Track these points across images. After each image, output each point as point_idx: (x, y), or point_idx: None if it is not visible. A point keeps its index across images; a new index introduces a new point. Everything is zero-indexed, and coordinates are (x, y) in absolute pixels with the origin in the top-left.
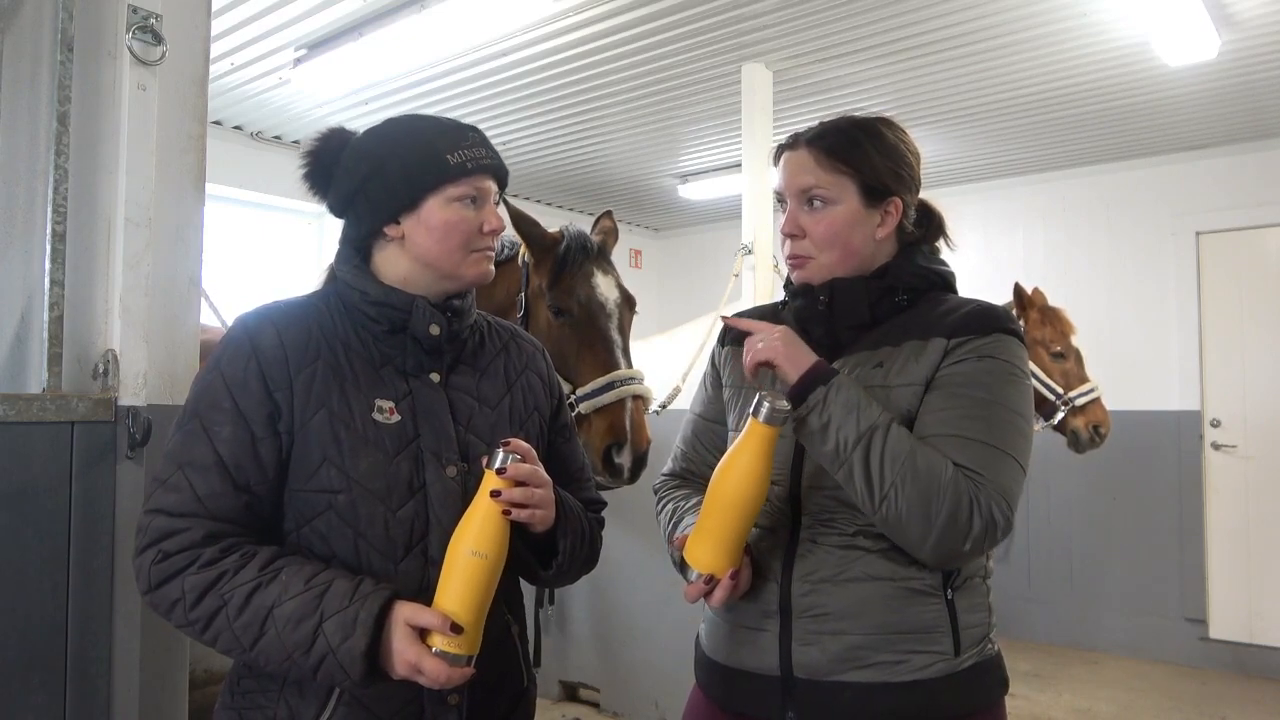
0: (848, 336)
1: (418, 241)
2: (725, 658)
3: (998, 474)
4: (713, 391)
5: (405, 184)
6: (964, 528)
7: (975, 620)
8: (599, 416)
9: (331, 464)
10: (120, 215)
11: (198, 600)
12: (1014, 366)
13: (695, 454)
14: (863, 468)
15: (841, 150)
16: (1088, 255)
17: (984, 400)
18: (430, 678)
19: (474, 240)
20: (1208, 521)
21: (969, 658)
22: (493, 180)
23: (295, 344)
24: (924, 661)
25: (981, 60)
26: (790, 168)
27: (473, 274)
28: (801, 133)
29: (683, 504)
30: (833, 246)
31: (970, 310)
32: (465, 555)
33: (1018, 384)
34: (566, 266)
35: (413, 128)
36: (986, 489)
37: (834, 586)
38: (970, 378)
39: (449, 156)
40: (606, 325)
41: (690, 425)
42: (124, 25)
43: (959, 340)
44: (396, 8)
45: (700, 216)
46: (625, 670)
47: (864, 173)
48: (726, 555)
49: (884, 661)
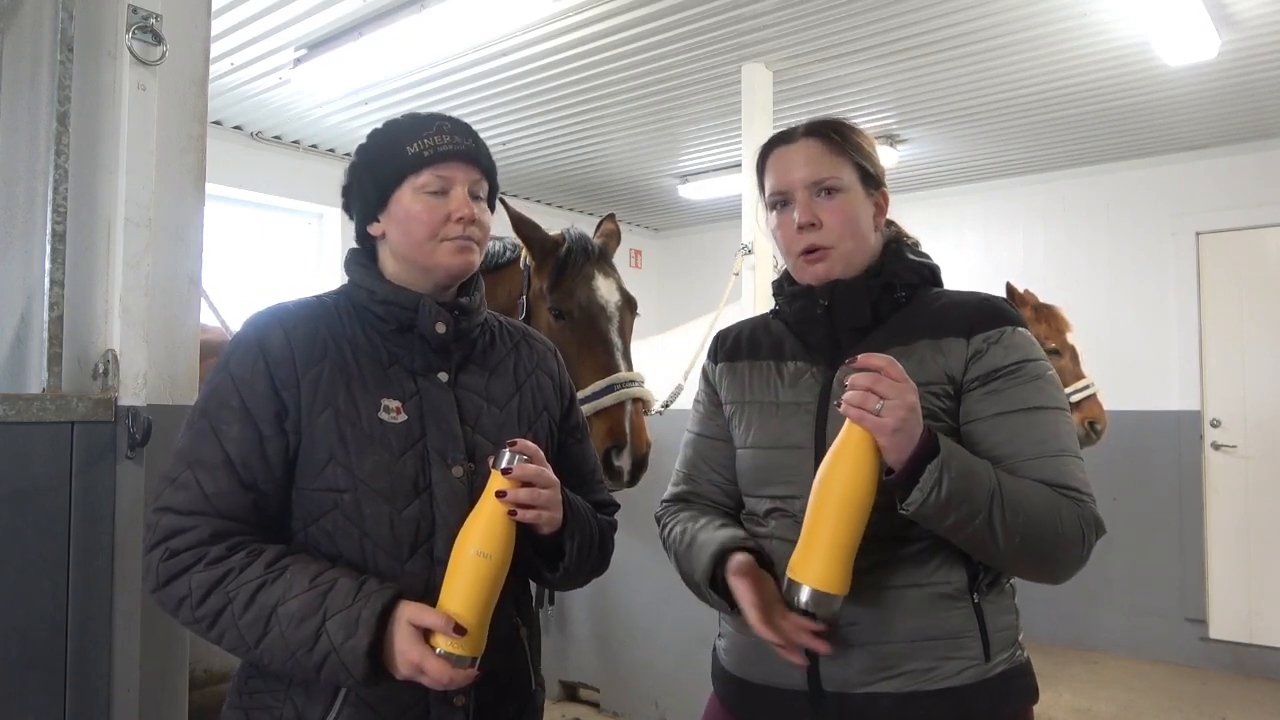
0: (848, 339)
1: (392, 237)
2: (750, 674)
3: (1081, 481)
4: (710, 408)
5: (373, 182)
6: (1080, 546)
7: (1004, 624)
8: (599, 419)
9: (337, 463)
10: (120, 215)
11: (204, 597)
12: (1043, 363)
13: (699, 474)
14: (988, 532)
15: (839, 138)
16: (1088, 255)
17: (1039, 409)
18: (433, 679)
19: (441, 229)
20: (1208, 521)
21: (1000, 663)
22: (462, 167)
23: (303, 343)
24: (955, 668)
25: (981, 60)
26: (798, 159)
27: (448, 263)
28: (792, 129)
29: (691, 525)
30: (852, 235)
31: (979, 305)
32: (470, 555)
33: (1053, 379)
34: (567, 269)
35: (385, 128)
36: (1085, 503)
37: (859, 596)
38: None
39: (408, 148)
40: (607, 328)
41: (691, 446)
42: (124, 25)
43: (981, 338)
44: (396, 8)
45: (700, 216)
46: (625, 670)
47: (859, 159)
48: (844, 566)
49: (915, 670)
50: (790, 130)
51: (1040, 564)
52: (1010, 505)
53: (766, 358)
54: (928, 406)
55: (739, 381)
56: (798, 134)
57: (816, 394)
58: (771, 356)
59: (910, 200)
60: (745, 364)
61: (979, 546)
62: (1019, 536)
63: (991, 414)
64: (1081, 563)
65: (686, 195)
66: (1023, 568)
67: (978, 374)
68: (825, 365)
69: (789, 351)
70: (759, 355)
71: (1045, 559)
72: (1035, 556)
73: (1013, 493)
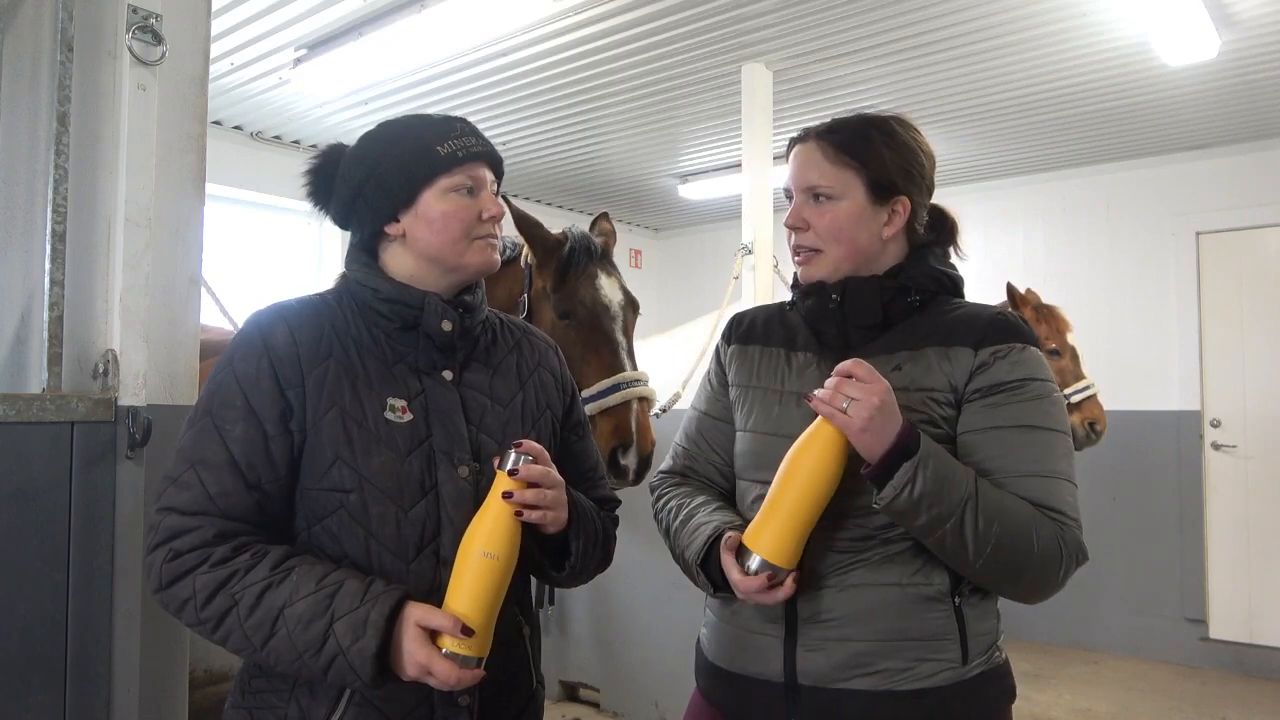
0: (859, 337)
1: (419, 236)
2: (728, 663)
3: (1069, 505)
4: (718, 389)
5: (400, 181)
6: (1056, 569)
7: (984, 628)
8: (604, 418)
9: (343, 463)
10: (120, 215)
11: (209, 599)
12: (1049, 384)
13: (699, 452)
14: (957, 538)
15: (850, 145)
16: (1088, 255)
17: (1036, 429)
18: (440, 679)
19: (474, 228)
20: (1208, 521)
21: (976, 666)
22: (486, 167)
23: (308, 342)
24: (931, 669)
25: (981, 60)
26: (798, 162)
27: (477, 262)
28: (813, 127)
29: (688, 501)
30: (837, 241)
31: (992, 319)
32: (476, 556)
33: (1056, 401)
34: (571, 269)
35: (402, 126)
36: (1069, 528)
37: (840, 592)
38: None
39: (439, 148)
40: (611, 327)
41: (694, 422)
42: (124, 25)
43: (989, 351)
44: (396, 8)
45: (700, 216)
46: (625, 670)
47: (871, 168)
48: (795, 544)
49: (890, 669)
50: (809, 129)
51: (1012, 579)
52: (986, 514)
53: (778, 345)
54: (927, 412)
55: (748, 365)
56: (811, 135)
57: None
58: (783, 345)
59: None
60: (757, 349)
61: (951, 552)
62: (990, 547)
63: (987, 427)
64: (1057, 587)
65: (686, 195)
66: (994, 580)
67: (980, 386)
68: (833, 360)
69: (801, 342)
70: (772, 342)
71: (1018, 574)
72: (1008, 570)
73: (991, 503)
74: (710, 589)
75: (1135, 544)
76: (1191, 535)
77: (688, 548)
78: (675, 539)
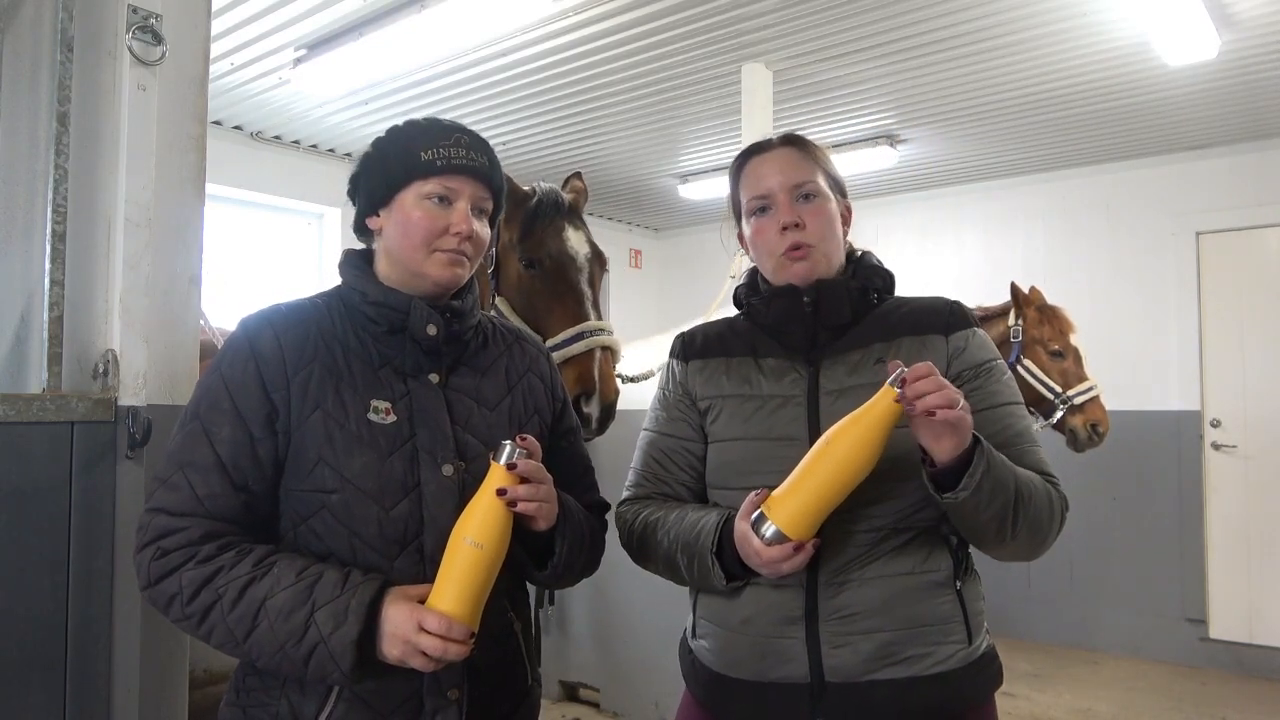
0: (826, 337)
1: (388, 234)
2: (743, 672)
3: (1050, 465)
4: (683, 409)
5: (382, 178)
6: (1059, 527)
7: (978, 608)
8: (568, 367)
9: (326, 463)
10: (120, 215)
11: (194, 595)
12: (1002, 362)
13: (667, 474)
14: (1009, 519)
15: (811, 151)
16: (1088, 255)
17: (1011, 404)
18: (426, 647)
19: (438, 240)
20: (1208, 521)
21: (979, 645)
22: (471, 182)
23: (293, 346)
24: (947, 652)
25: (981, 60)
26: (778, 165)
27: (435, 275)
28: (767, 139)
29: (671, 508)
30: (830, 237)
31: (949, 307)
32: (463, 545)
33: (1011, 376)
34: (539, 221)
35: (407, 126)
36: (1059, 485)
37: (861, 586)
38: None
39: (422, 153)
40: (576, 278)
41: (653, 446)
42: (124, 25)
43: (959, 336)
44: (396, 8)
45: (700, 216)
46: (625, 670)
47: (827, 169)
48: (816, 519)
49: (914, 655)
50: (766, 140)
51: (1032, 546)
52: (1025, 495)
53: (741, 354)
54: None
55: (714, 377)
56: (774, 143)
57: (804, 389)
58: (747, 353)
59: (910, 200)
60: (720, 360)
61: (991, 533)
62: (1027, 522)
63: (982, 408)
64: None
65: (686, 195)
66: (1015, 551)
67: (961, 369)
68: (804, 362)
69: (763, 349)
70: (734, 352)
71: (1039, 542)
72: (1032, 540)
73: (1025, 482)
74: (723, 580)
75: (1135, 544)
76: (1191, 535)
77: (698, 536)
78: (671, 536)
